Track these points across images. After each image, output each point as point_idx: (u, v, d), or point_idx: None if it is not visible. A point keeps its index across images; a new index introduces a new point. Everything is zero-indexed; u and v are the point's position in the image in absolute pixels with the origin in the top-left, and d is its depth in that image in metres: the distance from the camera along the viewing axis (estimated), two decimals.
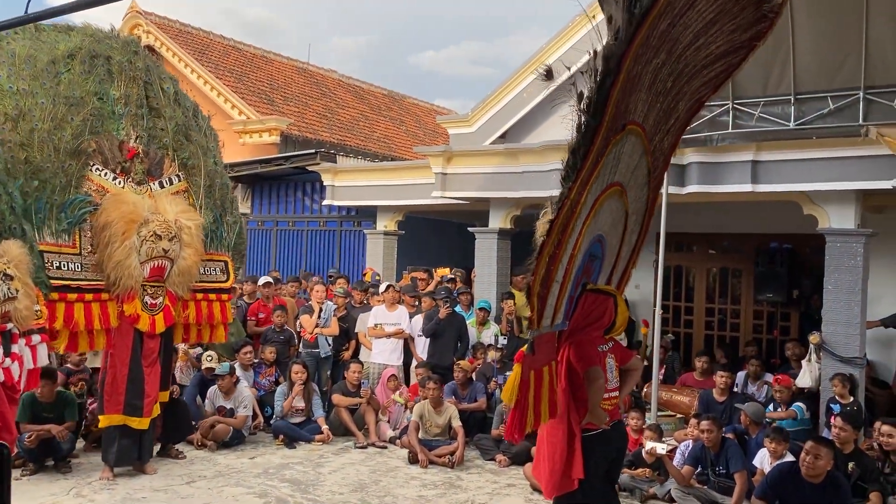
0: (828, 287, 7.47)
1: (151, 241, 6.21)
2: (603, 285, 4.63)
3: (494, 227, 9.97)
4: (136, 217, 6.19)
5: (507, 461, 7.24)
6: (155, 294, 6.41)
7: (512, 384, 3.96)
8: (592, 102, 3.61)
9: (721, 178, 7.79)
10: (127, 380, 6.30)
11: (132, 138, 6.56)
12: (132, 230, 6.16)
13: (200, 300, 6.90)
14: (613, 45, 3.49)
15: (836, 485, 5.08)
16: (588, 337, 4.40)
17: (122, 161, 6.46)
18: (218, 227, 7.14)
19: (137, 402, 6.33)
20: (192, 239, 6.54)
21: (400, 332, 8.94)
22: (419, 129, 21.94)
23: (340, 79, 22.05)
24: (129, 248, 6.14)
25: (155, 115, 6.79)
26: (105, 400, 6.38)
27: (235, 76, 17.27)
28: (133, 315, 6.27)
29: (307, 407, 8.09)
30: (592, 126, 3.63)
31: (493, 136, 10.85)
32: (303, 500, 6.04)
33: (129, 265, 6.14)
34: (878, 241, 8.02)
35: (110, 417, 6.33)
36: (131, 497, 5.95)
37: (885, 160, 6.91)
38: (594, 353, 4.40)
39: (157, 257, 6.28)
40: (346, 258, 12.75)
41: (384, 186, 11.28)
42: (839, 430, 6.02)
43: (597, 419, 4.36)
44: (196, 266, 6.65)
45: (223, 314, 7.09)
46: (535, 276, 3.77)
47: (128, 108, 6.59)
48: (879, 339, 9.12)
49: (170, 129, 6.83)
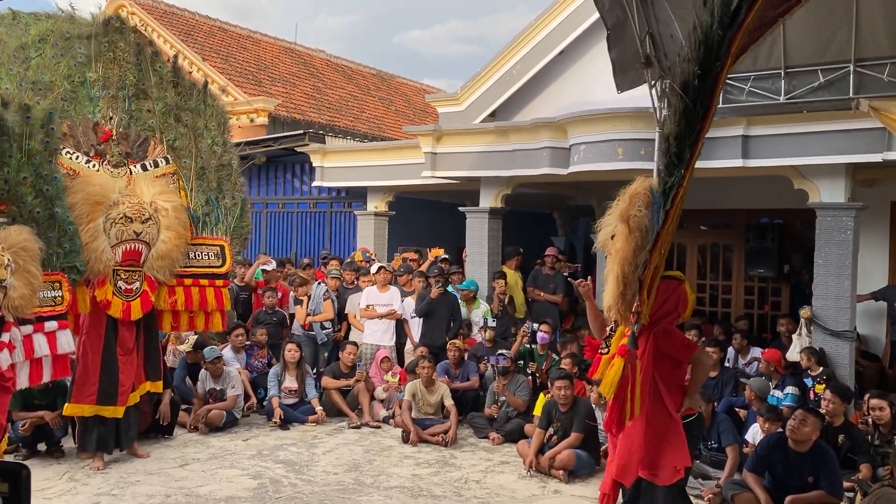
0: (818, 261, 7.49)
1: (121, 224, 6.03)
2: (672, 270, 4.62)
3: (485, 206, 9.93)
4: (101, 199, 6.00)
5: (500, 439, 7.27)
6: (130, 279, 6.20)
7: (612, 378, 4.03)
8: (700, 89, 3.53)
9: (711, 152, 7.75)
10: (101, 368, 6.13)
11: (108, 120, 6.40)
12: (98, 212, 5.98)
13: (190, 286, 6.63)
14: (719, 30, 3.41)
15: (823, 453, 5.13)
16: (672, 324, 4.40)
17: (96, 144, 6.29)
18: (213, 209, 6.87)
19: (112, 390, 6.16)
20: (172, 221, 6.33)
21: (392, 312, 8.93)
22: (408, 109, 21.81)
23: (328, 59, 21.86)
24: (94, 231, 5.94)
25: (142, 96, 6.64)
26: (76, 388, 6.17)
27: (222, 57, 17.08)
28: (104, 301, 6.08)
29: (300, 388, 8.09)
30: (701, 114, 3.58)
31: (483, 114, 10.77)
32: (297, 480, 6.05)
33: (97, 248, 5.94)
34: (868, 214, 8.04)
35: (80, 407, 6.14)
36: (125, 481, 5.94)
37: (875, 133, 6.90)
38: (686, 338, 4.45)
39: (129, 240, 6.10)
40: (336, 240, 12.70)
41: (374, 167, 11.21)
42: (828, 402, 6.07)
43: (695, 403, 4.44)
44: (178, 250, 6.43)
45: (218, 301, 6.76)
46: (648, 268, 3.82)
47: (106, 90, 6.43)
48: (870, 312, 9.17)
49: (157, 111, 6.66)
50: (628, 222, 4.04)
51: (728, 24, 3.40)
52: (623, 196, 4.21)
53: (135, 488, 5.77)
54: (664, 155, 3.78)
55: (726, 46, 3.46)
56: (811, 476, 5.07)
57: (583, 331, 9.45)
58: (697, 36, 3.49)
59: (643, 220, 4.02)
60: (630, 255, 4.02)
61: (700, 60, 3.48)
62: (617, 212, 4.24)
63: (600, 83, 9.06)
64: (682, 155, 3.67)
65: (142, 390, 6.55)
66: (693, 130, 3.62)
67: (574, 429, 6.31)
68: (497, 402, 7.62)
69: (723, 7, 3.39)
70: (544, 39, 10.39)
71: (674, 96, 3.70)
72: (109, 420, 6.24)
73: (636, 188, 4.15)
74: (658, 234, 3.78)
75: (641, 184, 4.18)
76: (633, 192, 4.14)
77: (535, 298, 9.77)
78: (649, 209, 4.03)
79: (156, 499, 5.54)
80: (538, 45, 10.43)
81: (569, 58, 10.36)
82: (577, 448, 6.25)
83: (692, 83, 3.52)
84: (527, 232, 13.19)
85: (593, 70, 9.55)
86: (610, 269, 4.19)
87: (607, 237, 4.37)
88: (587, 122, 8.24)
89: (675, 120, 3.67)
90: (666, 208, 3.73)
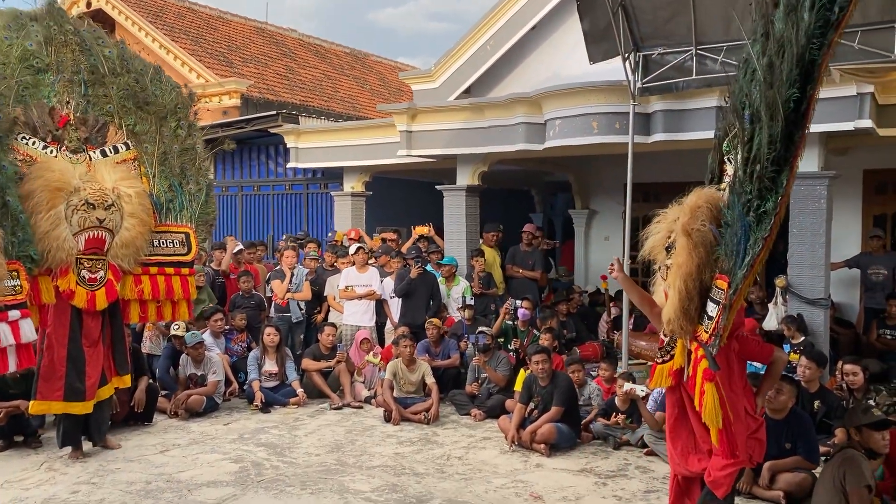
0: (793, 230, 7.55)
1: (83, 211, 5.83)
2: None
3: (462, 184, 9.90)
4: (62, 185, 5.79)
5: (482, 415, 7.30)
6: (94, 268, 6.00)
7: (713, 406, 3.92)
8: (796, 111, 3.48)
9: (686, 125, 7.78)
10: (66, 361, 5.92)
11: (65, 105, 6.18)
12: (59, 199, 5.77)
13: (155, 274, 6.42)
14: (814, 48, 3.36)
15: (800, 419, 5.20)
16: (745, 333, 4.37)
17: (54, 129, 6.06)
18: (176, 196, 6.65)
19: (79, 385, 5.96)
20: (135, 208, 6.13)
21: (371, 293, 8.90)
22: (383, 88, 21.63)
23: (300, 38, 21.58)
24: (55, 218, 5.73)
25: (98, 82, 6.42)
26: (41, 384, 5.92)
27: (192, 38, 16.81)
28: (68, 291, 5.89)
29: (281, 371, 8.06)
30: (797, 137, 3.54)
31: (458, 91, 10.70)
32: (279, 462, 6.03)
33: (58, 236, 5.74)
34: (841, 182, 8.10)
35: (47, 404, 5.92)
36: (104, 469, 5.88)
37: (847, 101, 6.94)
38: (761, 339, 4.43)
39: (92, 227, 5.91)
40: (314, 221, 12.62)
41: (349, 147, 11.11)
42: (805, 368, 6.15)
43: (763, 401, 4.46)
44: (142, 237, 6.23)
45: (184, 289, 6.56)
46: (739, 293, 3.74)
47: (61, 74, 6.21)
48: (843, 280, 9.29)
49: (113, 95, 6.42)
50: (691, 236, 3.96)
51: (820, 46, 3.35)
52: (682, 207, 4.11)
53: (114, 476, 5.72)
54: (750, 178, 3.66)
55: (818, 69, 3.40)
56: (788, 442, 5.15)
57: (562, 305, 9.52)
58: (792, 55, 3.39)
59: (708, 235, 3.95)
60: (694, 270, 3.95)
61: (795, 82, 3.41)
62: (672, 221, 4.16)
63: (574, 57, 9.03)
64: (779, 181, 3.59)
65: (113, 384, 6.34)
66: (789, 155, 3.55)
67: (554, 402, 6.34)
68: (478, 379, 7.64)
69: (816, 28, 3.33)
70: (517, 14, 10.31)
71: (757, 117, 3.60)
72: (74, 415, 6.04)
73: (696, 201, 4.06)
74: (754, 260, 3.68)
75: (701, 196, 4.10)
76: (693, 204, 4.05)
77: (514, 275, 9.78)
78: (713, 223, 3.96)
79: (136, 486, 5.50)
80: (511, 20, 10.36)
81: (542, 32, 10.30)
82: (557, 422, 6.28)
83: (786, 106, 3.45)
84: (505, 209, 13.19)
85: (567, 44, 9.50)
86: (671, 283, 4.10)
87: (659, 246, 4.29)
88: (561, 96, 8.20)
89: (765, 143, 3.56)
90: (764, 235, 3.63)
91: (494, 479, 5.63)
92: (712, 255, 3.94)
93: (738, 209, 3.73)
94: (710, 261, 3.95)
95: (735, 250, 3.74)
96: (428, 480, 5.60)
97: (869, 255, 8.92)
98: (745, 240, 3.69)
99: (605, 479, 5.65)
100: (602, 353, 8.78)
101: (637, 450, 6.30)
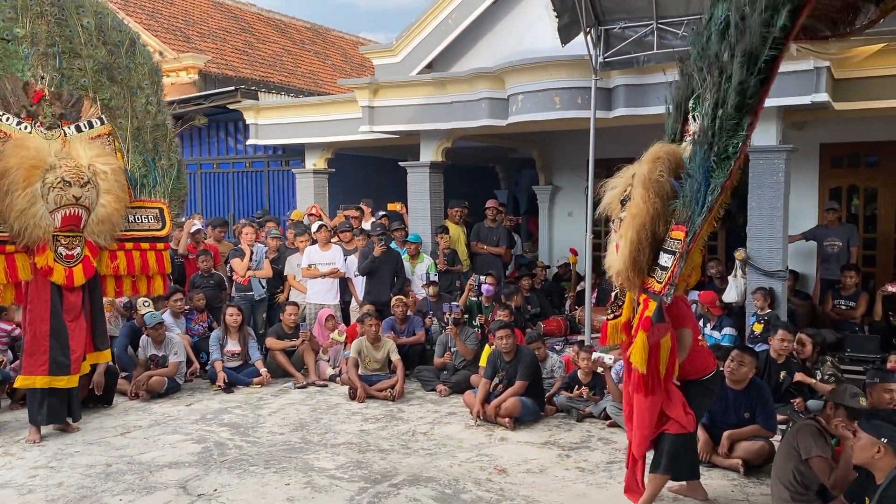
0: (751, 204, 7.66)
1: (59, 188, 5.81)
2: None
3: (426, 160, 9.84)
4: (38, 163, 5.76)
5: (447, 391, 7.32)
6: (70, 245, 6.03)
7: (641, 353, 3.92)
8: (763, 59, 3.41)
9: (648, 100, 7.80)
10: (49, 336, 5.97)
11: (39, 79, 6.10)
12: (35, 176, 5.75)
13: (131, 250, 6.49)
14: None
15: (758, 389, 5.30)
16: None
17: (28, 105, 6.00)
18: (150, 171, 6.68)
19: (63, 359, 6.01)
20: (111, 185, 6.13)
21: (335, 271, 8.82)
22: (345, 64, 21.34)
23: (260, 13, 21.15)
24: (31, 196, 5.72)
25: (72, 54, 6.29)
26: (25, 360, 6.01)
27: (147, 13, 16.35)
28: (45, 267, 5.91)
29: (243, 350, 7.97)
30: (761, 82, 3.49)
31: (420, 65, 10.56)
32: (242, 442, 5.98)
33: (35, 214, 5.74)
34: (798, 156, 8.24)
35: (32, 379, 5.96)
36: (63, 452, 5.77)
37: (803, 75, 7.02)
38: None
39: (69, 205, 5.90)
40: (275, 199, 12.46)
41: (310, 123, 10.96)
42: (782, 340, 6.22)
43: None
44: (118, 213, 6.25)
45: (159, 264, 6.66)
46: (696, 240, 3.71)
47: (35, 47, 6.09)
48: (801, 252, 9.48)
49: (88, 69, 6.33)
50: (648, 187, 3.92)
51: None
52: (642, 159, 4.07)
53: (73, 459, 5.62)
54: (713, 121, 3.64)
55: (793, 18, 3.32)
56: (747, 412, 5.24)
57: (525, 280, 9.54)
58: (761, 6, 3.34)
59: (665, 186, 3.91)
60: (648, 220, 3.91)
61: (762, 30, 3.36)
62: (633, 174, 4.10)
63: (536, 32, 8.99)
64: (741, 124, 3.57)
65: (92, 360, 6.41)
66: (753, 101, 3.52)
67: (518, 377, 6.38)
68: (450, 350, 7.63)
69: None
70: None
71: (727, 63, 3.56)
72: (60, 390, 6.07)
73: (657, 152, 4.02)
74: (713, 205, 3.67)
75: (662, 148, 4.07)
76: (653, 155, 4.01)
77: (478, 251, 9.78)
78: (671, 175, 3.92)
79: (96, 468, 5.40)
80: None
81: (504, 6, 10.19)
82: (521, 396, 6.32)
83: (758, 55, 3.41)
84: (469, 186, 13.16)
85: (529, 17, 9.43)
86: (622, 234, 4.05)
87: (616, 199, 4.24)
88: (524, 71, 8.17)
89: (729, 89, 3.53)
90: (722, 181, 3.61)
91: (459, 454, 5.66)
92: (668, 207, 3.92)
93: (700, 156, 3.72)
94: (665, 212, 3.92)
95: (694, 198, 3.74)
96: (393, 456, 5.60)
97: (825, 228, 9.10)
98: (706, 186, 3.69)
99: (569, 451, 5.72)
100: (566, 327, 8.85)
101: (600, 422, 6.38)
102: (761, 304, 7.40)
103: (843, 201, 9.88)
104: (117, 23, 6.63)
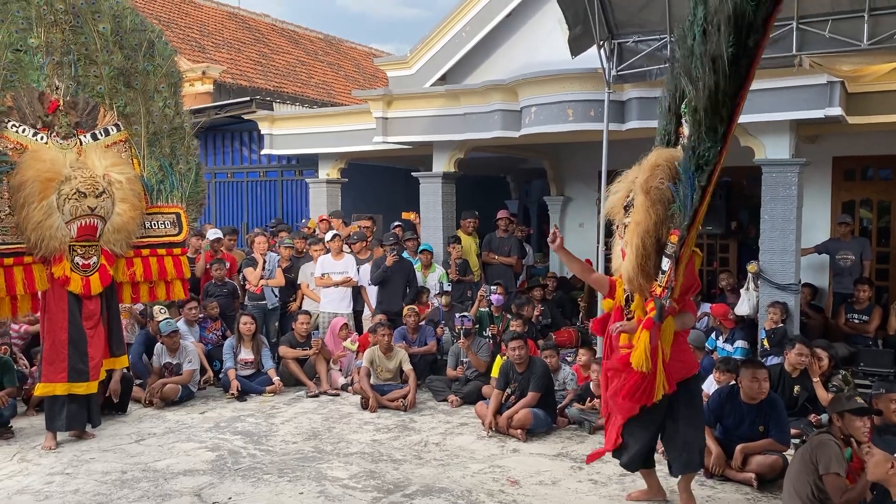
0: (764, 217, 7.66)
1: (75, 200, 5.86)
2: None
3: (438, 171, 9.88)
4: (53, 175, 5.81)
5: (458, 401, 7.34)
6: (87, 254, 6.07)
7: (643, 352, 4.00)
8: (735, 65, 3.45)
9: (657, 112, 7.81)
10: (68, 344, 6.02)
11: (55, 90, 6.13)
12: (50, 189, 5.79)
13: (147, 256, 6.51)
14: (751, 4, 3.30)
15: (772, 403, 5.28)
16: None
17: (43, 115, 6.03)
18: (166, 177, 6.66)
19: (82, 366, 6.06)
20: (126, 194, 6.17)
21: (348, 280, 8.88)
22: (358, 74, 21.48)
23: (274, 23, 21.34)
24: (48, 208, 5.77)
25: (88, 61, 6.31)
26: (45, 367, 6.07)
27: (163, 24, 16.51)
28: (62, 277, 5.96)
29: (256, 359, 8.02)
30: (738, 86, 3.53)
31: (434, 77, 10.66)
32: (256, 451, 6.02)
33: (51, 225, 5.80)
34: (811, 169, 8.23)
35: (52, 386, 6.02)
36: (79, 459, 5.83)
37: (817, 89, 7.03)
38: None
39: (84, 216, 5.94)
40: (288, 208, 12.54)
41: (324, 133, 11.03)
42: (800, 354, 6.19)
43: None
44: (134, 222, 6.29)
45: (177, 269, 6.68)
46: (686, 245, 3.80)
47: (50, 56, 6.12)
48: (813, 265, 9.45)
49: (104, 76, 6.35)
50: (649, 194, 3.98)
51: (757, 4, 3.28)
52: (641, 166, 4.13)
53: (89, 466, 5.67)
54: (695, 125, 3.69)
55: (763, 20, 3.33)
56: (761, 426, 5.23)
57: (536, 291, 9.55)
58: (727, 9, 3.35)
59: (666, 193, 3.97)
60: (651, 227, 3.99)
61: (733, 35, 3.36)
62: (632, 181, 4.16)
63: (550, 44, 9.05)
64: (716, 129, 3.61)
65: (108, 365, 6.45)
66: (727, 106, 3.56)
67: (531, 388, 6.39)
68: (462, 363, 7.66)
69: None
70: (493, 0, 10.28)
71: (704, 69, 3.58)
72: (80, 397, 6.13)
73: (656, 159, 4.08)
74: (696, 210, 3.75)
75: (660, 155, 4.12)
76: (652, 163, 4.06)
77: (490, 262, 9.82)
78: (671, 182, 3.98)
79: (112, 475, 5.45)
80: (487, 6, 10.33)
81: (518, 19, 10.29)
82: (534, 407, 6.33)
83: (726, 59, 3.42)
84: (481, 196, 13.20)
85: (542, 31, 9.50)
86: (628, 241, 4.12)
87: (618, 205, 4.30)
88: (537, 83, 8.21)
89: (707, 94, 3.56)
90: (702, 185, 3.68)
91: (471, 465, 5.67)
92: (669, 212, 3.99)
93: (685, 161, 3.81)
94: (666, 217, 4.00)
95: (685, 203, 3.82)
96: (405, 467, 5.63)
97: (837, 241, 9.07)
98: (692, 191, 3.78)
99: (581, 463, 5.71)
100: (577, 338, 8.85)
101: None
102: (776, 319, 7.37)
103: (855, 215, 9.86)
104: (137, 23, 6.56)
